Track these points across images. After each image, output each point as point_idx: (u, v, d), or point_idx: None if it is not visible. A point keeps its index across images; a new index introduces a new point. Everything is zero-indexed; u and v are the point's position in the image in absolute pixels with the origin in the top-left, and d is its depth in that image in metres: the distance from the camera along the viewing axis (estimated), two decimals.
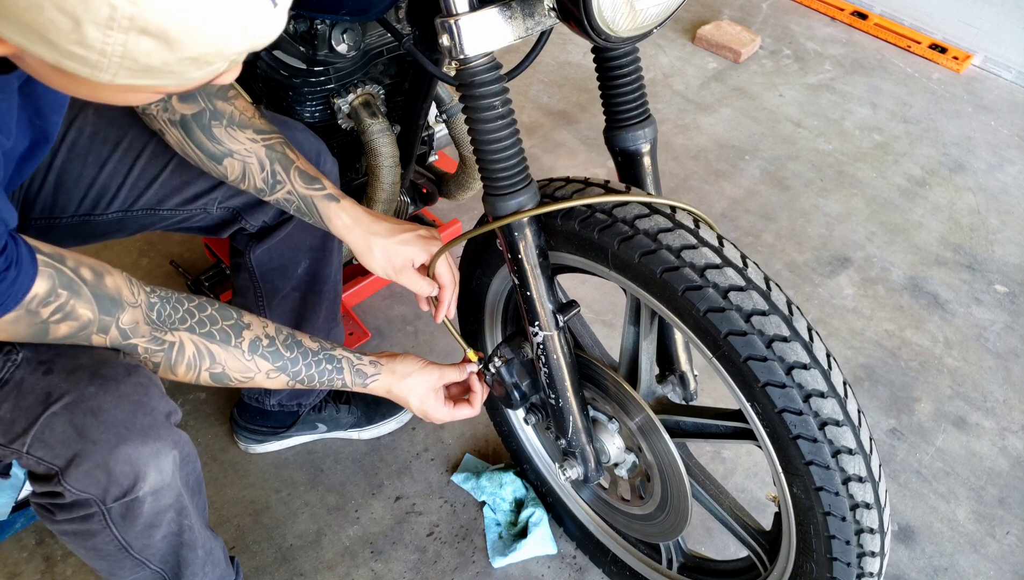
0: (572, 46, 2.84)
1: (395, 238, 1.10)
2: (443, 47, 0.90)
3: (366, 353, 1.12)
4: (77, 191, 1.15)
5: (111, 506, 0.92)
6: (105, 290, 0.88)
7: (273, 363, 1.01)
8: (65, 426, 0.87)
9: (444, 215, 2.02)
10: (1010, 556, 1.53)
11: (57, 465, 0.88)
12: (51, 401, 0.87)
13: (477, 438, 1.67)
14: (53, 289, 0.83)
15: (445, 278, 1.13)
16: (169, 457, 0.94)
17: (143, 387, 0.92)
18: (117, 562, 1.02)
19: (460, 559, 1.48)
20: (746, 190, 2.31)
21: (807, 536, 0.97)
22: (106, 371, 0.90)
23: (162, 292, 0.95)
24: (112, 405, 0.89)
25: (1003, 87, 2.77)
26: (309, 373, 1.05)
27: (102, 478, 0.89)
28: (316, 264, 1.38)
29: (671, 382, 1.21)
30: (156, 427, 0.92)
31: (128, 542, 0.98)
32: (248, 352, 0.99)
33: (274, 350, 1.02)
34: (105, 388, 0.89)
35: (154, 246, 2.01)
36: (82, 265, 0.87)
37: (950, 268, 2.10)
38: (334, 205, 1.10)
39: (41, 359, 0.89)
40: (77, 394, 0.87)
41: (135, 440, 0.90)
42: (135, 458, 0.90)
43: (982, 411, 1.77)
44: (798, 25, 3.03)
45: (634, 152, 1.10)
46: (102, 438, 0.88)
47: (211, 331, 0.97)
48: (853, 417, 0.90)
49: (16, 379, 0.88)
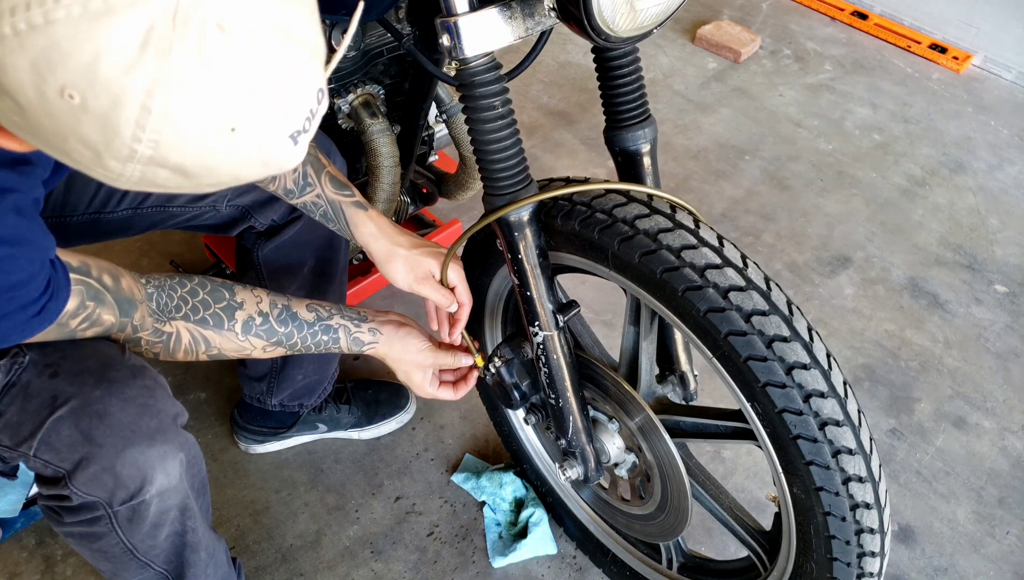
0: (572, 46, 2.84)
1: (417, 250, 1.12)
2: (443, 47, 0.90)
3: (369, 314, 1.13)
4: (87, 190, 1.15)
5: (118, 509, 0.92)
6: (123, 293, 0.91)
7: (268, 339, 1.04)
8: (71, 430, 0.87)
9: (444, 215, 2.02)
10: (1010, 556, 1.53)
11: (64, 468, 0.89)
12: (57, 405, 0.87)
13: (477, 438, 1.67)
14: (82, 302, 0.86)
15: (463, 297, 1.14)
16: (176, 460, 0.94)
17: (149, 389, 0.92)
18: (122, 564, 1.02)
19: (460, 559, 1.48)
20: (746, 190, 2.31)
21: (807, 536, 0.97)
22: (112, 374, 0.90)
23: (155, 280, 0.96)
24: (118, 408, 0.89)
25: (1003, 87, 2.77)
26: (306, 344, 1.07)
27: (109, 482, 0.89)
28: (322, 263, 1.38)
29: (671, 382, 1.21)
30: (163, 430, 0.92)
31: (133, 544, 0.99)
32: (241, 334, 1.02)
33: (268, 327, 1.04)
34: (111, 391, 0.89)
35: (154, 246, 2.01)
36: (103, 272, 0.90)
37: (950, 268, 2.10)
38: (362, 213, 1.12)
39: (47, 362, 0.90)
40: (83, 398, 0.88)
41: (141, 443, 0.90)
42: (142, 461, 0.90)
43: (982, 411, 1.77)
44: (798, 25, 3.03)
45: (634, 152, 1.10)
46: (108, 442, 0.88)
47: (204, 317, 0.99)
48: (853, 417, 0.90)
49: (23, 382, 0.89)
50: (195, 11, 0.53)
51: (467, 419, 1.70)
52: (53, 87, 0.53)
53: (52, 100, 0.53)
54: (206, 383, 1.75)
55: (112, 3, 0.51)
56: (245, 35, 0.56)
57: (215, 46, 0.54)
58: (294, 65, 0.59)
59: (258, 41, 0.56)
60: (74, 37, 0.51)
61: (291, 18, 0.58)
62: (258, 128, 0.59)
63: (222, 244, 1.81)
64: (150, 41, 0.52)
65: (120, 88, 0.53)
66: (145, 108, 0.54)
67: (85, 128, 0.55)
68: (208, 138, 0.57)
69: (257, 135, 0.59)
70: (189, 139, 0.57)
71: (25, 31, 0.51)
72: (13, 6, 0.50)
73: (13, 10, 0.50)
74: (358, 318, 1.11)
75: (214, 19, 0.54)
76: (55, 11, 0.50)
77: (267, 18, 0.57)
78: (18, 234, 0.73)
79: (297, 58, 0.59)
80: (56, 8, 0.50)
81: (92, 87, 0.53)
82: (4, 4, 0.50)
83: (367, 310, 1.14)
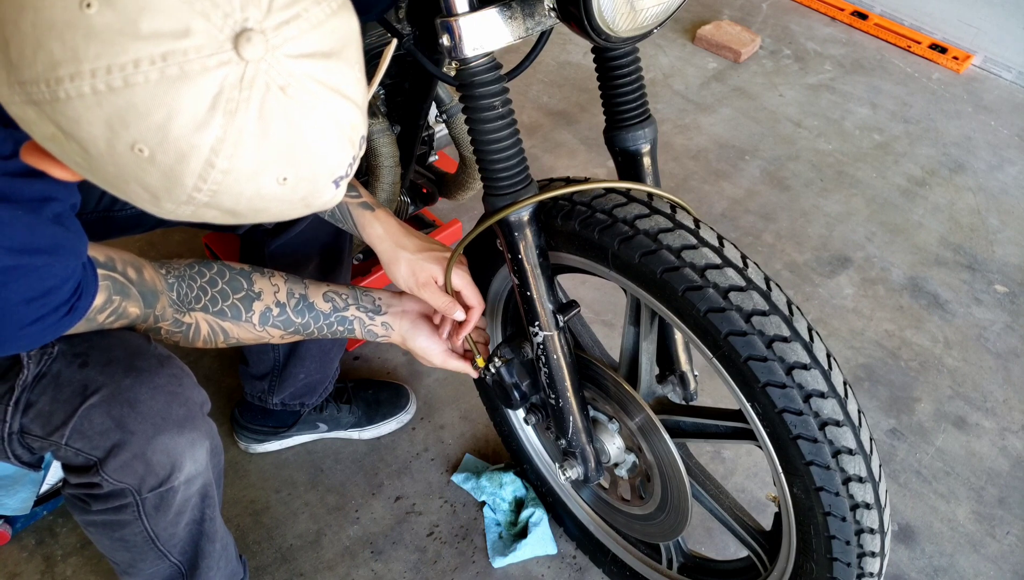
0: (572, 46, 2.84)
1: (422, 254, 1.11)
2: (443, 47, 0.90)
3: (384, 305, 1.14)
4: (97, 188, 1.15)
5: (146, 496, 0.95)
6: (147, 285, 0.94)
7: (285, 330, 1.07)
8: (103, 418, 0.90)
9: (444, 215, 2.02)
10: (1010, 556, 1.53)
11: (96, 456, 0.91)
12: (88, 393, 0.90)
13: (477, 438, 1.67)
14: (109, 297, 0.88)
15: (471, 300, 1.13)
16: (203, 447, 0.97)
17: (176, 378, 0.95)
18: (141, 553, 1.05)
19: (460, 559, 1.48)
20: (746, 190, 2.31)
21: (807, 536, 0.97)
22: (140, 363, 0.93)
23: (176, 270, 0.99)
24: (148, 396, 0.92)
25: (1003, 87, 2.77)
26: (322, 333, 1.11)
27: (140, 468, 0.92)
28: (328, 261, 1.38)
29: (671, 382, 1.21)
30: (192, 418, 0.95)
31: (156, 533, 1.01)
32: (259, 324, 1.04)
33: (285, 318, 1.06)
34: (140, 380, 0.92)
35: (154, 246, 2.01)
36: (127, 265, 0.92)
37: (950, 268, 2.10)
38: (369, 214, 1.13)
39: (76, 352, 0.93)
40: (114, 386, 0.91)
41: (172, 430, 0.93)
42: (172, 448, 0.93)
43: (982, 411, 1.77)
44: (798, 25, 3.03)
45: (634, 152, 1.10)
46: (140, 429, 0.91)
47: (223, 309, 1.01)
48: (853, 417, 0.90)
49: (53, 372, 0.91)
50: (261, 76, 0.56)
51: (467, 419, 1.70)
52: (124, 141, 0.55)
53: (121, 152, 0.56)
54: (206, 383, 1.74)
55: (188, 69, 0.54)
56: (304, 95, 0.58)
57: (275, 107, 0.57)
58: (344, 120, 0.62)
59: (314, 100, 0.59)
60: (150, 99, 0.54)
61: (342, 75, 0.61)
62: (307, 178, 0.62)
63: (222, 243, 1.81)
64: (219, 104, 0.55)
65: (188, 146, 0.56)
66: (209, 163, 0.57)
67: (149, 177, 0.58)
68: (262, 189, 0.60)
69: (305, 183, 0.62)
70: (244, 189, 0.60)
71: (104, 92, 0.53)
72: (94, 68, 0.53)
73: (94, 72, 0.53)
74: (373, 310, 1.13)
75: (277, 83, 0.57)
76: (135, 76, 0.53)
77: (323, 78, 0.59)
78: (56, 243, 0.76)
79: (347, 113, 0.62)
80: (136, 73, 0.53)
81: (162, 144, 0.55)
82: (85, 65, 0.52)
83: (384, 297, 1.15)
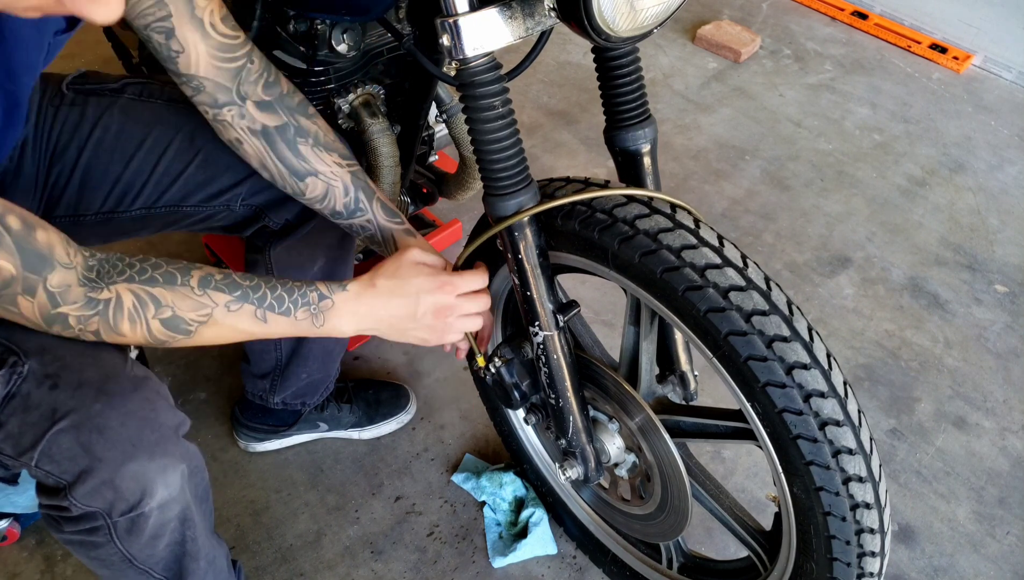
0: (572, 46, 2.84)
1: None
2: (443, 47, 0.90)
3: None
4: (102, 188, 1.15)
5: (117, 520, 0.92)
6: (34, 244, 0.82)
7: (231, 293, 0.93)
8: (72, 443, 0.87)
9: (444, 215, 2.02)
10: (1010, 556, 1.53)
11: (65, 479, 0.88)
12: (57, 418, 0.87)
13: (477, 438, 1.67)
14: None
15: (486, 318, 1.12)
16: (177, 471, 0.94)
17: (150, 402, 0.92)
18: (121, 571, 1.02)
19: (460, 559, 1.48)
20: (746, 190, 2.31)
21: (807, 536, 0.97)
22: (112, 387, 0.89)
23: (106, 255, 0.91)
24: (118, 422, 0.88)
25: (1003, 87, 2.77)
26: (276, 294, 0.96)
27: (109, 494, 0.89)
28: (332, 263, 1.38)
29: (671, 382, 1.21)
30: (164, 442, 0.92)
31: (132, 554, 0.99)
32: (199, 288, 0.91)
33: (229, 281, 0.93)
34: (112, 405, 0.88)
35: (154, 246, 2.01)
36: (10, 212, 0.80)
37: (950, 268, 2.10)
38: (411, 240, 1.14)
39: (47, 373, 0.89)
40: (83, 412, 0.87)
41: (142, 457, 0.89)
42: (142, 475, 0.90)
43: (982, 411, 1.77)
44: (798, 25, 3.03)
45: (634, 152, 1.10)
46: (108, 456, 0.87)
47: (153, 276, 0.89)
48: (853, 417, 0.90)
49: (23, 393, 0.88)
50: None
51: (467, 419, 1.70)
52: None
53: None
54: (207, 383, 1.75)
55: None
56: None
57: None
58: None
59: None
60: None
61: None
62: None
63: (222, 244, 1.81)
64: None
65: None
66: None
67: None
68: None
69: None
70: None
71: None
72: None
73: None
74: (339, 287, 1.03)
75: None
76: None
77: None
78: None
79: None
80: None
81: None
82: None
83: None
